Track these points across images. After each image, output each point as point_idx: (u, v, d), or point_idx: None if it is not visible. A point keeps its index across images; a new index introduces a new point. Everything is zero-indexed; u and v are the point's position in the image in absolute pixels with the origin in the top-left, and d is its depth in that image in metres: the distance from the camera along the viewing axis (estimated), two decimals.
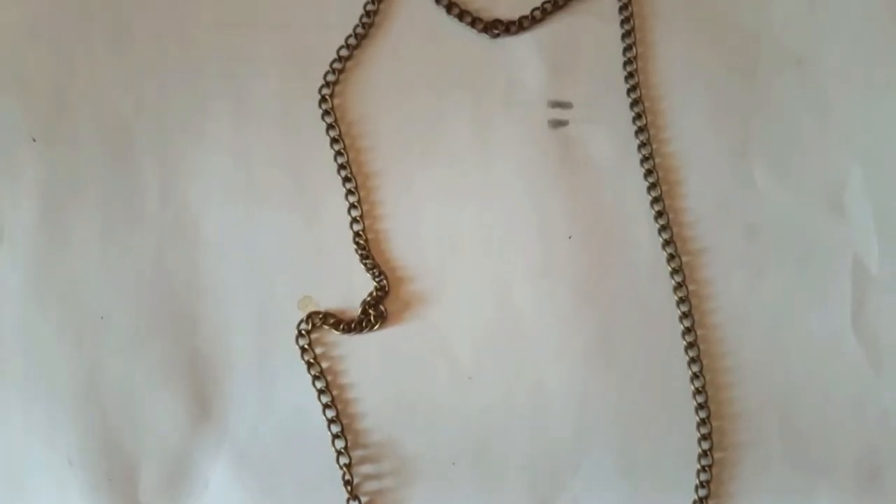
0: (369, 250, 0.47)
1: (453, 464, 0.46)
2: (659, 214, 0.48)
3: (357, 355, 0.47)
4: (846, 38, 0.50)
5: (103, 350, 0.47)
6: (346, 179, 0.48)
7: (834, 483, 0.46)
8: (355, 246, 0.48)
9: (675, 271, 0.48)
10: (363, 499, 0.46)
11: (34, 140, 0.48)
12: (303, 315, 0.47)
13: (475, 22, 0.50)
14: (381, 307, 0.47)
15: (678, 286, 0.48)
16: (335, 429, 0.46)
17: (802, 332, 0.47)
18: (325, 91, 0.49)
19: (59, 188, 0.48)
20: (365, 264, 0.47)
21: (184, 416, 0.46)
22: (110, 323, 0.47)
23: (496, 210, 0.48)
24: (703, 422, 0.46)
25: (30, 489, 0.46)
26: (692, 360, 0.47)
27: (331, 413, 0.46)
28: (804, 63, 0.49)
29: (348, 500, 0.45)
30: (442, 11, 0.50)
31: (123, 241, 0.48)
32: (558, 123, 0.49)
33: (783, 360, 0.47)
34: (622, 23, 0.50)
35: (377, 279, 0.47)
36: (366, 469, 0.46)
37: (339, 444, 0.46)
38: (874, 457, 0.47)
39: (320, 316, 0.47)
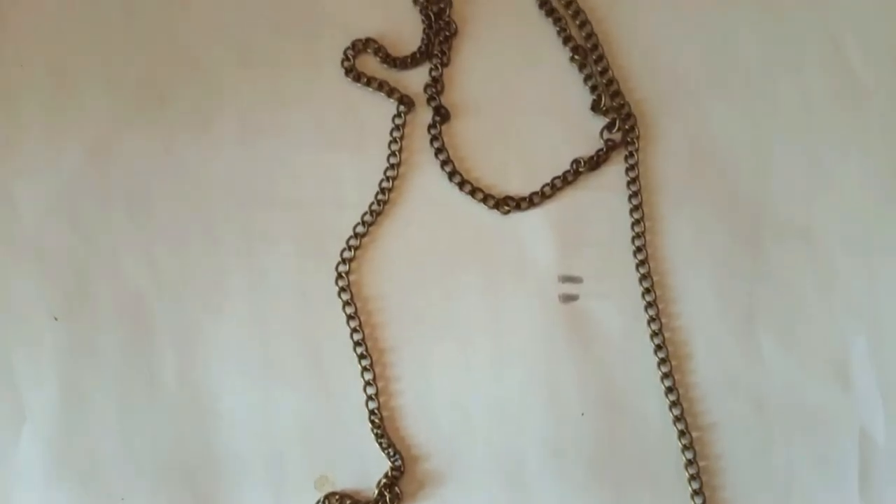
0: (384, 429, 0.48)
1: None
2: (669, 390, 0.49)
3: None
4: (848, 208, 0.51)
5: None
6: (361, 356, 0.49)
7: None
8: (370, 424, 0.48)
9: (686, 447, 0.48)
10: None
11: (56, 319, 0.49)
12: (320, 496, 0.47)
13: (487, 198, 0.51)
14: (397, 489, 0.47)
15: (689, 463, 0.48)
16: None
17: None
18: (342, 268, 0.50)
19: (79, 365, 0.49)
20: (380, 443, 0.48)
21: None
22: (129, 498, 0.48)
23: (509, 385, 0.49)
24: None
25: None
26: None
27: None
28: (807, 233, 0.51)
29: None
30: (455, 188, 0.52)
31: (141, 418, 0.49)
32: (569, 298, 0.50)
33: None
34: (630, 197, 0.51)
35: (392, 458, 0.48)
36: None
37: None
38: None
39: (337, 497, 0.47)
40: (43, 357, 0.49)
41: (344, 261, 0.50)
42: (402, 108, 0.52)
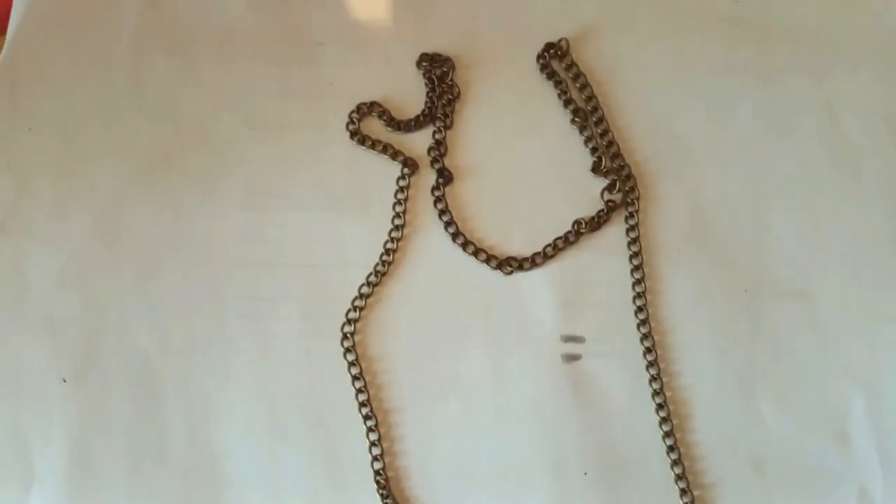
0: (389, 489, 0.49)
1: None
2: (671, 448, 0.50)
3: None
4: (846, 272, 0.52)
5: None
6: (367, 417, 0.50)
7: None
8: (376, 485, 0.49)
9: None
10: None
11: (64, 381, 0.50)
12: None
13: (490, 259, 0.52)
14: None
15: None
16: None
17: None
18: (347, 329, 0.51)
19: (87, 428, 0.50)
20: None
21: None
22: None
23: (512, 444, 0.50)
24: None
25: None
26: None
27: None
28: (806, 296, 0.52)
29: None
30: (458, 249, 0.52)
31: (150, 481, 0.49)
32: (571, 358, 0.51)
33: None
34: (631, 258, 0.52)
35: None
36: None
37: None
38: None
39: None
40: (52, 421, 0.50)
41: (349, 321, 0.51)
42: (406, 170, 0.53)
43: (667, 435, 0.50)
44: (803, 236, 0.52)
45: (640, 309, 0.52)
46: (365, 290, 0.52)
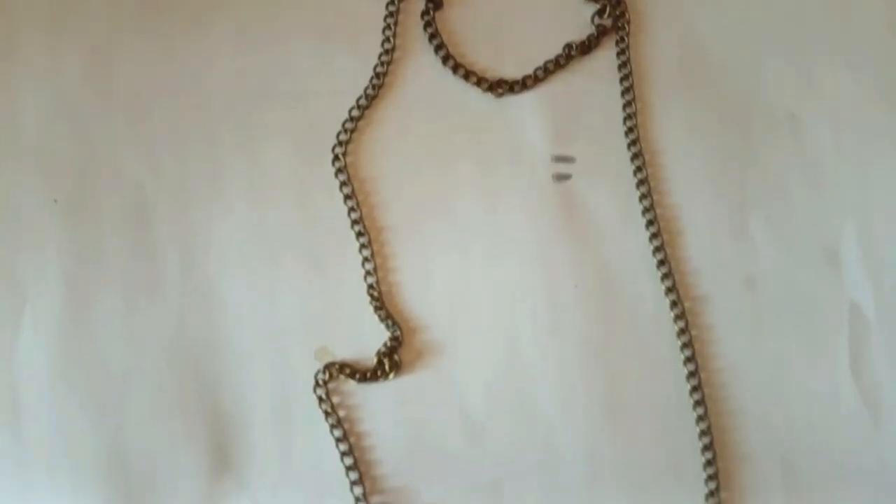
0: (382, 301, 0.49)
1: None
2: (661, 263, 0.50)
3: (373, 404, 0.49)
4: (837, 95, 0.52)
5: (126, 414, 0.49)
6: (359, 234, 0.50)
7: None
8: (369, 298, 0.49)
9: (678, 317, 0.49)
10: None
11: (55, 201, 0.50)
12: (319, 366, 0.48)
13: (480, 81, 0.52)
14: (396, 357, 0.48)
15: (681, 332, 0.49)
16: (353, 476, 0.47)
17: (802, 379, 0.49)
18: (338, 150, 0.51)
19: (80, 255, 0.50)
20: (378, 315, 0.49)
21: (205, 473, 0.48)
22: (133, 387, 0.49)
23: (504, 261, 0.50)
24: (708, 463, 0.48)
25: None
26: (697, 403, 0.48)
27: (349, 460, 0.47)
28: (796, 119, 0.52)
29: None
30: (448, 73, 0.53)
31: (145, 307, 0.50)
32: (562, 177, 0.51)
33: (784, 406, 0.49)
34: (621, 80, 0.53)
35: (391, 330, 0.49)
36: None
37: (358, 490, 0.47)
38: None
39: (336, 366, 0.48)
40: (45, 247, 0.50)
41: (340, 143, 0.51)
42: None
43: (657, 250, 0.50)
44: (795, 65, 0.52)
45: (630, 130, 0.52)
46: (355, 112, 0.52)
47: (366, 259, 0.50)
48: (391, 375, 0.48)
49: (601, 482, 0.48)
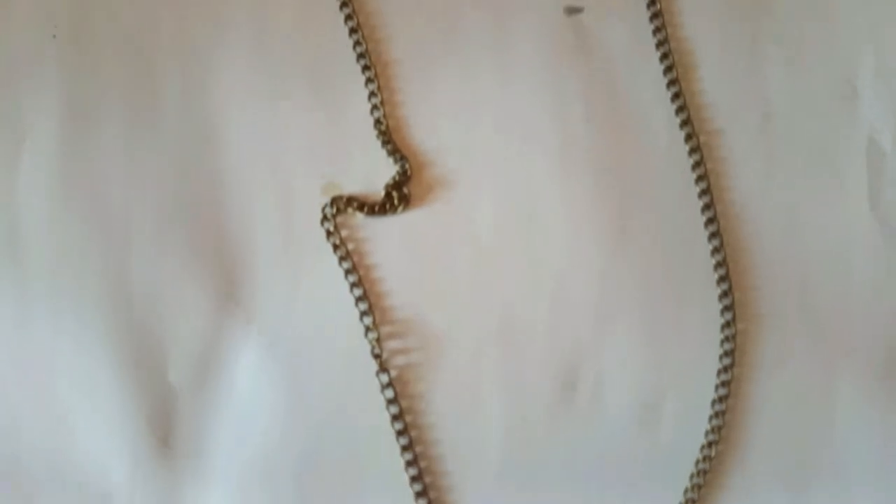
0: (390, 136, 0.48)
1: (478, 340, 0.46)
2: (675, 96, 0.49)
3: (382, 237, 0.48)
4: None
5: (129, 247, 0.47)
6: (365, 68, 0.49)
7: (855, 365, 0.47)
8: (376, 132, 0.48)
9: (692, 150, 0.48)
10: (392, 372, 0.46)
11: (54, 36, 0.48)
12: (326, 199, 0.47)
13: None
14: (405, 189, 0.47)
15: (696, 164, 0.48)
16: (363, 306, 0.46)
17: (818, 212, 0.48)
18: None
19: (80, 90, 0.49)
20: (386, 149, 0.48)
21: (211, 302, 0.47)
22: (135, 220, 0.48)
23: (513, 95, 0.49)
24: (724, 294, 0.47)
25: (58, 375, 0.46)
26: (712, 235, 0.47)
27: (358, 291, 0.46)
28: None
29: (377, 373, 0.46)
30: None
31: (146, 140, 0.48)
32: (573, 10, 0.50)
33: (800, 239, 0.48)
34: None
35: (399, 163, 0.47)
36: (393, 345, 0.46)
37: (367, 320, 0.46)
38: (893, 341, 0.47)
39: (344, 200, 0.47)
40: (44, 76, 0.49)
41: None
42: None
43: (671, 83, 0.49)
44: None
45: None
46: None
47: (372, 93, 0.49)
48: (400, 209, 0.47)
49: (613, 309, 0.47)
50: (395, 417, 0.45)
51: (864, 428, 0.46)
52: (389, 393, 0.46)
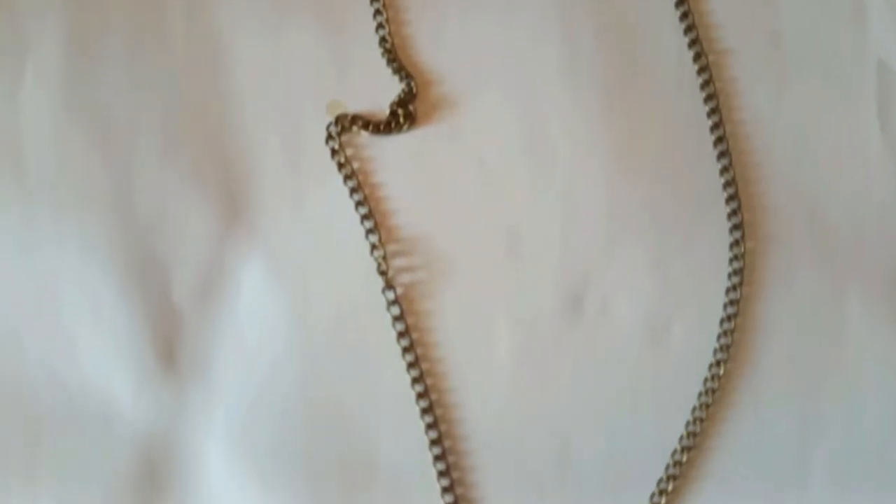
0: (395, 53, 0.47)
1: (485, 259, 0.46)
2: (684, 15, 0.48)
3: (387, 156, 0.47)
4: None
5: (132, 161, 0.47)
6: None
7: (864, 283, 0.46)
8: (381, 50, 0.47)
9: (701, 70, 0.48)
10: (398, 290, 0.45)
11: None
12: (331, 118, 0.47)
13: None
14: (410, 108, 0.47)
15: (705, 84, 0.48)
16: (368, 224, 0.46)
17: (827, 132, 0.48)
18: None
19: (84, 5, 0.48)
20: (391, 67, 0.47)
21: (215, 220, 0.46)
22: (139, 134, 0.47)
23: (521, 13, 0.49)
24: (733, 212, 0.46)
25: (61, 292, 0.46)
26: (721, 154, 0.47)
27: (363, 209, 0.46)
28: None
29: (383, 290, 0.45)
30: None
31: (150, 53, 0.48)
32: None
33: (809, 159, 0.48)
34: None
35: (404, 81, 0.47)
36: (399, 263, 0.46)
37: (373, 238, 0.46)
38: None
39: (349, 118, 0.47)
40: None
41: None
42: None
43: (679, 2, 0.48)
44: None
45: None
46: None
47: (377, 11, 0.48)
48: (405, 127, 0.47)
49: (621, 228, 0.46)
50: (400, 335, 0.45)
51: (873, 346, 0.46)
52: (395, 310, 0.45)
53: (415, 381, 0.45)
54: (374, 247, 0.45)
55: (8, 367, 0.45)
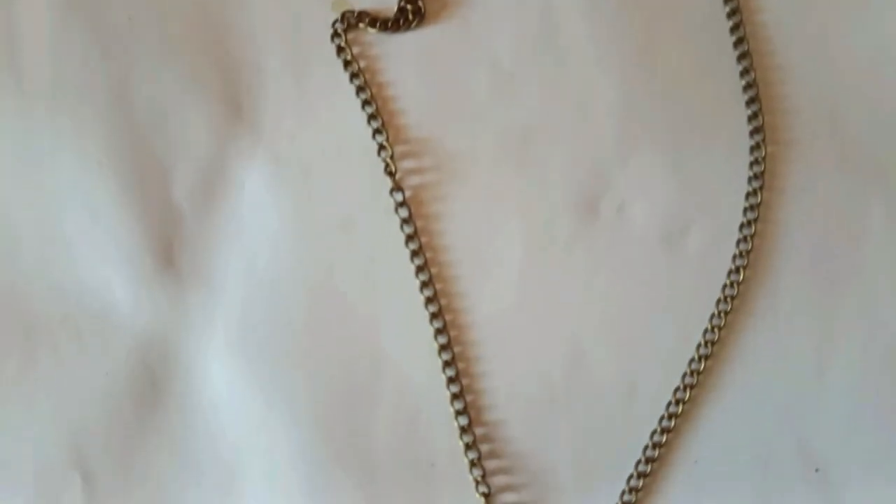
0: None
1: (496, 161, 0.44)
2: None
3: (395, 55, 0.45)
4: None
5: (131, 60, 0.45)
6: None
7: (885, 189, 0.45)
8: None
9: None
10: (406, 192, 0.44)
11: None
12: (337, 14, 0.45)
13: None
14: (419, 4, 0.45)
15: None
16: (375, 124, 0.44)
17: (850, 36, 0.46)
18: None
19: None
20: None
21: (217, 119, 0.44)
22: (138, 32, 0.45)
23: None
24: (754, 115, 0.45)
25: (59, 194, 0.44)
26: (741, 56, 0.45)
27: (370, 109, 0.44)
28: None
29: (391, 192, 0.43)
30: None
31: None
32: None
33: (832, 62, 0.46)
34: None
35: None
36: (408, 164, 0.44)
37: (380, 138, 0.44)
38: None
39: (355, 15, 0.45)
40: None
41: None
42: None
43: None
44: None
45: None
46: None
47: None
48: (414, 24, 0.45)
49: (638, 131, 0.45)
50: (409, 238, 0.43)
51: (894, 251, 0.44)
52: (404, 212, 0.43)
53: (423, 285, 0.43)
54: (381, 147, 0.44)
55: (3, 271, 0.43)
